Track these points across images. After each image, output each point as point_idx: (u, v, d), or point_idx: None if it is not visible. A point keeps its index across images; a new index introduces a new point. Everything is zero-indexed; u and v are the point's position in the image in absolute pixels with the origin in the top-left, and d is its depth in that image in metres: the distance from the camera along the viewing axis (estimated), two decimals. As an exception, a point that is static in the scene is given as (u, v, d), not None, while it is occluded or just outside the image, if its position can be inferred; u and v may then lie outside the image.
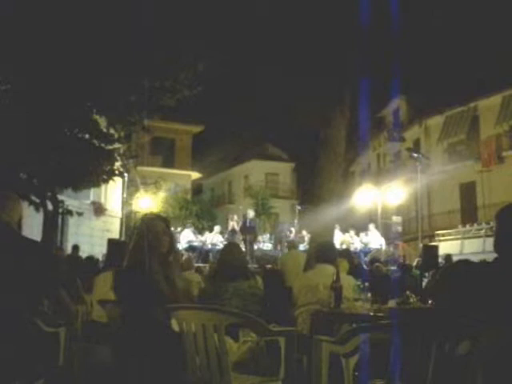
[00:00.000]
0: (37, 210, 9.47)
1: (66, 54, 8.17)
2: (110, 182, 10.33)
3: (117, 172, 10.07)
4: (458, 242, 20.46)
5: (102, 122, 9.56)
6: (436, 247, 7.81)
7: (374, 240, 16.53)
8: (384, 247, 16.72)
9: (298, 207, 20.64)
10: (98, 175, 9.73)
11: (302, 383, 3.56)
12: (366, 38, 7.12)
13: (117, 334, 3.08)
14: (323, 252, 4.76)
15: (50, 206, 9.77)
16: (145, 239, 3.09)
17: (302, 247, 14.82)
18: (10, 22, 7.88)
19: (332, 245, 5.38)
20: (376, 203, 20.10)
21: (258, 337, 3.24)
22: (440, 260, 9.38)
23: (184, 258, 8.90)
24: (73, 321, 3.02)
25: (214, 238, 17.04)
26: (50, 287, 2.81)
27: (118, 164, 10.13)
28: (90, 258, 9.55)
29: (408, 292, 5.03)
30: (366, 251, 15.84)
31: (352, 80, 7.87)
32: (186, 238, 17.20)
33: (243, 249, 14.23)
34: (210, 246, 16.58)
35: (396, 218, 20.05)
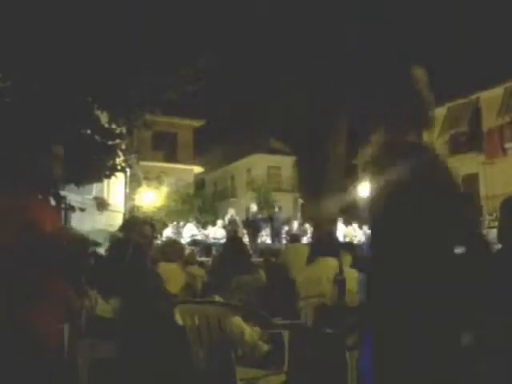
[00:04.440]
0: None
1: (66, 49, 8.15)
2: (113, 177, 10.32)
3: (119, 167, 10.05)
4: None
5: (104, 117, 9.54)
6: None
7: (377, 233, 16.48)
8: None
9: (301, 200, 20.62)
10: (100, 171, 9.71)
11: (306, 376, 3.57)
12: (367, 31, 7.10)
13: (121, 329, 3.09)
14: (326, 245, 4.76)
15: (52, 202, 9.77)
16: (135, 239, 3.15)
17: (304, 240, 14.83)
18: (10, 18, 7.87)
19: (335, 238, 5.38)
20: (379, 196, 20.01)
21: (262, 330, 3.25)
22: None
23: (187, 252, 8.90)
24: (77, 316, 3.02)
25: (217, 232, 17.07)
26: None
27: (120, 159, 10.11)
28: (94, 254, 9.57)
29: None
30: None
31: (354, 73, 7.85)
32: (188, 232, 17.23)
33: (246, 242, 14.26)
34: (212, 240, 16.61)
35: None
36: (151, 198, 22.37)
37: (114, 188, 19.85)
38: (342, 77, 7.69)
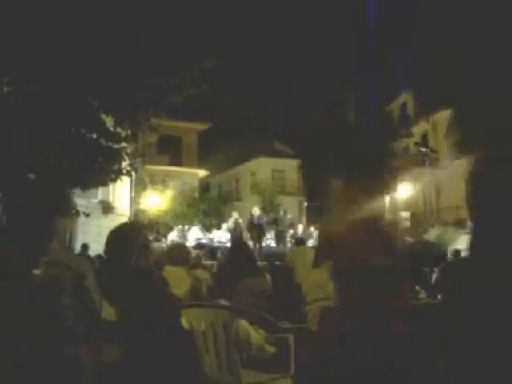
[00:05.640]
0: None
1: (71, 52, 8.19)
2: (118, 180, 10.34)
3: (124, 171, 10.08)
4: (467, 236, 20.33)
5: (109, 121, 9.56)
6: (445, 242, 7.78)
7: (383, 235, 16.43)
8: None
9: (306, 203, 20.60)
10: (105, 174, 9.74)
11: (312, 380, 3.55)
12: (372, 34, 7.09)
13: (126, 333, 3.09)
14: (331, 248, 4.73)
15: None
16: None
17: (310, 243, 14.81)
18: (15, 21, 7.91)
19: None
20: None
21: (268, 334, 3.23)
22: (449, 255, 9.34)
23: (192, 255, 8.88)
24: None
25: (222, 236, 17.07)
26: None
27: (125, 163, 10.14)
28: (100, 257, 9.60)
29: (417, 287, 5.01)
30: (374, 247, 15.77)
31: (357, 77, 7.84)
32: (194, 235, 17.24)
33: (250, 246, 14.24)
34: (217, 244, 16.60)
35: (404, 213, 19.96)
36: (156, 202, 22.41)
37: (120, 192, 19.90)
38: (344, 78, 7.67)
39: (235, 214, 17.57)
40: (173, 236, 18.17)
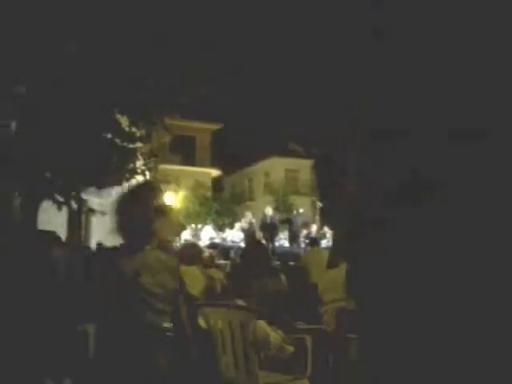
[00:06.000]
0: (59, 208, 9.59)
1: (86, 54, 8.25)
2: (132, 180, 10.41)
3: (139, 171, 10.15)
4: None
5: (124, 121, 9.64)
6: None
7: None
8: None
9: (319, 204, 20.54)
10: (120, 174, 9.82)
11: (329, 381, 3.55)
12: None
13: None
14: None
15: (74, 205, 9.88)
16: None
17: (323, 244, 14.75)
18: (31, 23, 7.99)
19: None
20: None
21: (285, 334, 3.23)
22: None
23: (206, 255, 8.89)
24: None
25: (235, 235, 17.06)
26: None
27: (139, 163, 10.20)
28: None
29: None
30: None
31: (366, 79, 7.81)
32: (207, 234, 17.27)
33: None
34: (230, 243, 16.59)
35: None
36: (169, 201, 22.49)
37: (134, 191, 19.96)
38: (359, 78, 7.64)
39: (249, 214, 17.55)
40: (186, 235, 18.20)
